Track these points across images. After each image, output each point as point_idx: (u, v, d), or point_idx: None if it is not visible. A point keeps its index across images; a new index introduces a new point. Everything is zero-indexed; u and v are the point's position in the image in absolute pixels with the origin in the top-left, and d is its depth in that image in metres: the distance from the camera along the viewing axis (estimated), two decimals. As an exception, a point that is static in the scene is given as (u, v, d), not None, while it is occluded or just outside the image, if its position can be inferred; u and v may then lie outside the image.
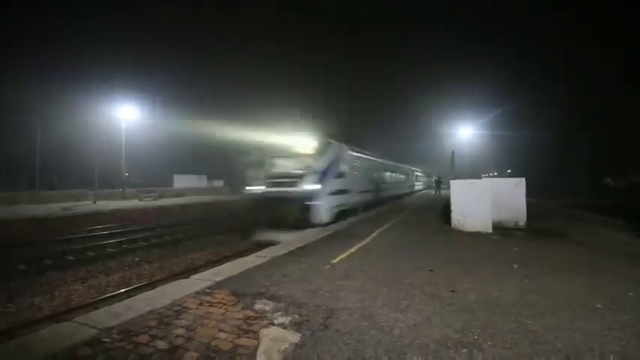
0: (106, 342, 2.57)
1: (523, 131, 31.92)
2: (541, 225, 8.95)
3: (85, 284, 7.14)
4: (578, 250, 6.05)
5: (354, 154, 12.79)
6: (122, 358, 2.37)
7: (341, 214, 10.69)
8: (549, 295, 3.65)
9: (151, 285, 6.31)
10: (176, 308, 3.27)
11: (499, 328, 2.85)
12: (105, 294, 6.38)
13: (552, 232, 7.93)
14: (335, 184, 10.35)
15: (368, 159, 14.86)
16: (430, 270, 4.68)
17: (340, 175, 10.87)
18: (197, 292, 3.74)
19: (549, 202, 17.63)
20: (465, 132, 27.74)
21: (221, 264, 5.50)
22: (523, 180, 8.73)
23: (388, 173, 19.44)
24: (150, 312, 3.17)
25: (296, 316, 3.09)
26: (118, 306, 3.38)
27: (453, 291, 3.80)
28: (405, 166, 26.63)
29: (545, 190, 23.49)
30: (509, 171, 47.18)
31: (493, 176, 40.31)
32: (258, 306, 3.33)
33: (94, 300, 6.03)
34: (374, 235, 7.70)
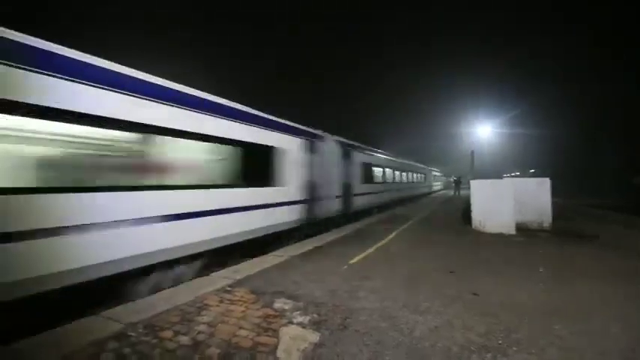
0: (131, 336, 2.66)
1: (544, 130, 30.87)
2: (567, 226, 8.58)
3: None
4: (608, 254, 5.75)
5: None
6: (148, 352, 2.44)
7: None
8: (577, 301, 3.50)
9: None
10: (197, 305, 3.35)
11: (524, 332, 2.75)
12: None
13: (579, 234, 7.58)
14: None
15: None
16: (451, 272, 4.58)
17: None
18: (217, 290, 3.81)
19: (574, 203, 16.92)
20: (484, 131, 26.94)
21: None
22: (547, 180, 8.40)
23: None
24: (172, 308, 3.25)
25: (315, 315, 3.10)
26: (142, 302, 3.49)
27: (475, 294, 3.70)
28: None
29: (570, 190, 22.61)
30: (532, 171, 45.71)
31: (515, 176, 39.14)
32: (278, 305, 3.36)
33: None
34: (392, 235, 7.61)
